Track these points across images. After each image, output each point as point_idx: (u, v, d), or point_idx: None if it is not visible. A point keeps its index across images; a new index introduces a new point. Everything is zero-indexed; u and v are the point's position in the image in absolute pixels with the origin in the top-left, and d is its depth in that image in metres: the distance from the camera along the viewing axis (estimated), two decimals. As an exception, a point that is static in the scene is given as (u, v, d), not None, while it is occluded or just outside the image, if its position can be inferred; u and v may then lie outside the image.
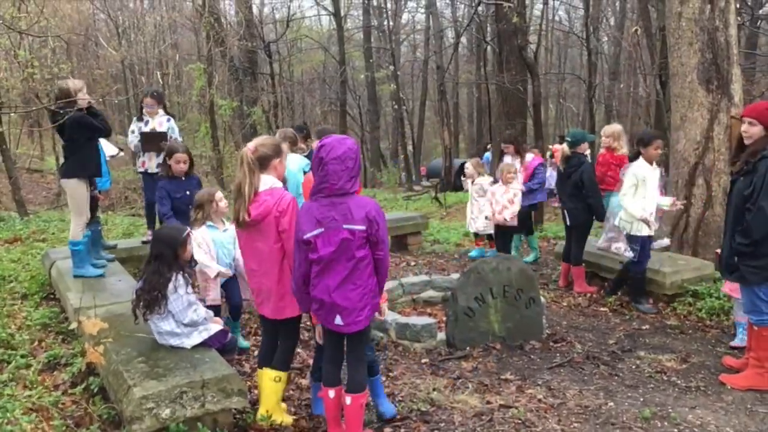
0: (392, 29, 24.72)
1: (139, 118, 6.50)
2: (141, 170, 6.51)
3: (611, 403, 3.99)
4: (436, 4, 25.57)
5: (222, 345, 3.83)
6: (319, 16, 30.48)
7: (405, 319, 5.05)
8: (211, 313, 3.95)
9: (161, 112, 6.50)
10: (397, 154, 27.34)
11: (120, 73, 20.43)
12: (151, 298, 3.62)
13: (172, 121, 6.59)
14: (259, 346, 4.05)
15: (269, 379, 3.56)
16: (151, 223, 6.71)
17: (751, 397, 4.10)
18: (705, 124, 6.52)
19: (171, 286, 3.65)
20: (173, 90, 17.55)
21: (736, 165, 4.22)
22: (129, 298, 3.93)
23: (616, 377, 4.46)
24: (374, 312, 3.26)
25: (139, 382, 3.25)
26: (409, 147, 26.48)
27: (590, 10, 17.63)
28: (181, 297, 3.68)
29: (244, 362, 4.54)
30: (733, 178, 4.30)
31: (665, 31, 8.05)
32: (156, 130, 6.38)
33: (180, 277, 3.71)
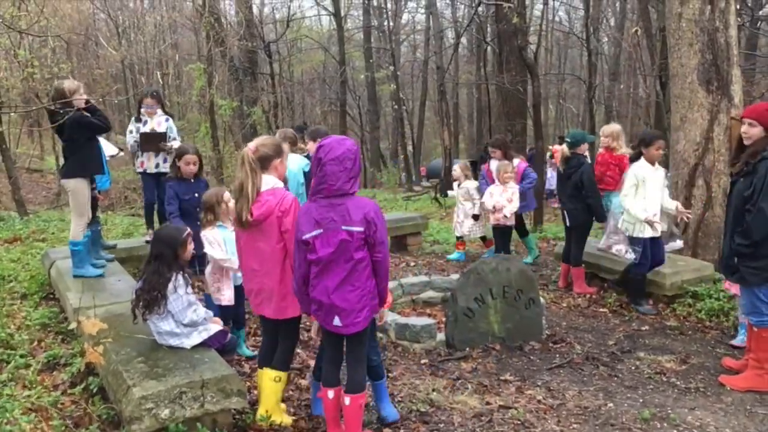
0: (392, 29, 24.72)
1: (137, 119, 6.50)
2: (140, 170, 6.50)
3: (610, 404, 4.00)
4: (436, 5, 25.54)
5: (222, 345, 3.83)
6: (319, 16, 30.52)
7: (404, 320, 5.05)
8: (210, 313, 3.94)
9: (160, 112, 6.50)
10: (397, 155, 27.35)
11: (120, 72, 20.45)
12: (151, 298, 3.62)
13: (170, 120, 6.59)
14: (258, 347, 4.05)
15: (269, 379, 3.56)
16: (150, 223, 6.71)
17: (750, 399, 4.10)
18: (705, 125, 6.52)
19: (171, 286, 3.65)
20: (173, 90, 17.55)
21: (736, 166, 4.22)
22: (128, 298, 3.93)
23: (616, 378, 4.46)
24: (373, 313, 3.26)
25: (139, 383, 3.25)
26: (409, 147, 26.48)
27: (590, 11, 17.63)
28: (181, 297, 3.68)
29: (243, 362, 4.53)
30: (733, 180, 4.31)
31: (665, 31, 8.05)
32: (155, 131, 6.38)
33: (180, 277, 3.70)
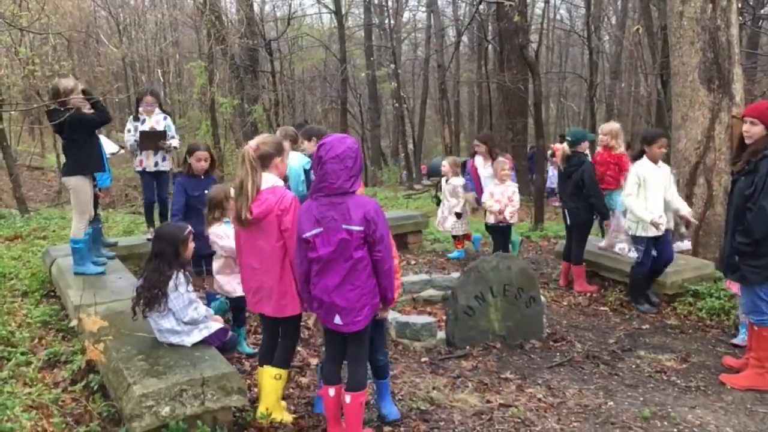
0: (393, 27, 24.70)
1: (136, 117, 6.48)
2: (139, 169, 6.49)
3: (611, 403, 4.00)
4: (437, 3, 25.55)
5: (222, 343, 3.83)
6: (320, 14, 30.50)
7: (405, 318, 5.06)
8: (211, 311, 3.95)
9: (158, 111, 6.50)
10: (398, 153, 27.35)
11: (121, 70, 20.42)
12: (152, 296, 3.62)
13: (168, 119, 6.59)
14: (259, 345, 4.05)
15: (269, 376, 3.56)
16: (150, 222, 6.71)
17: (750, 397, 4.10)
18: (706, 123, 6.52)
19: (171, 284, 3.65)
20: (174, 88, 17.55)
21: (737, 165, 4.22)
22: (129, 295, 3.93)
23: (616, 377, 4.46)
24: (374, 312, 3.25)
25: (139, 380, 3.25)
26: (410, 145, 26.43)
27: (591, 9, 17.59)
28: (182, 295, 3.68)
29: (244, 360, 4.54)
30: (734, 178, 4.30)
31: (666, 30, 8.05)
32: (155, 129, 6.38)
33: (181, 275, 3.71)
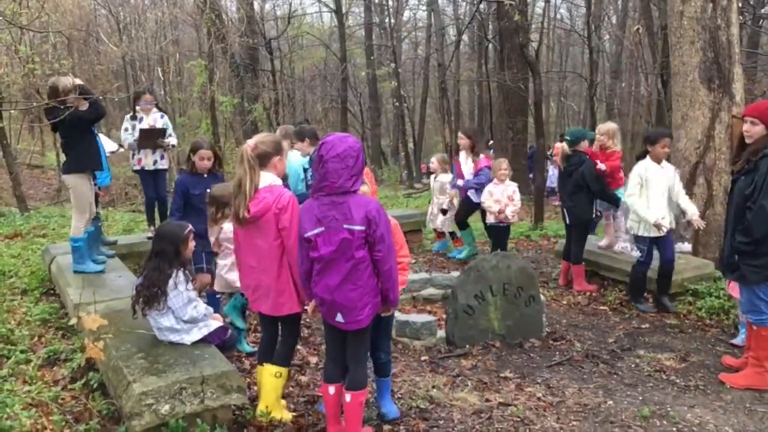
0: (393, 26, 24.70)
1: (133, 116, 6.48)
2: (137, 168, 6.49)
3: (610, 402, 4.00)
4: (437, 2, 25.50)
5: (222, 341, 3.83)
6: (321, 13, 30.54)
7: (405, 317, 5.06)
8: (211, 309, 3.95)
9: (155, 109, 6.52)
10: (398, 152, 27.35)
11: (121, 69, 20.40)
12: (151, 294, 3.62)
13: (165, 117, 6.61)
14: (258, 343, 4.05)
15: (270, 374, 3.56)
16: (151, 220, 6.71)
17: (749, 397, 4.11)
18: (706, 123, 6.52)
19: (171, 282, 3.65)
20: (174, 86, 17.52)
21: (737, 164, 4.21)
22: (129, 294, 3.93)
23: (616, 376, 4.46)
24: (376, 311, 3.24)
25: (139, 378, 3.26)
26: (410, 144, 26.44)
27: (592, 8, 17.57)
28: (181, 293, 3.68)
29: (243, 359, 4.54)
30: (734, 178, 4.30)
31: (667, 29, 8.04)
32: (155, 127, 6.39)
33: (180, 273, 3.71)
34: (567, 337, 5.19)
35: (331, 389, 3.34)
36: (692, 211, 5.68)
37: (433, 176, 7.83)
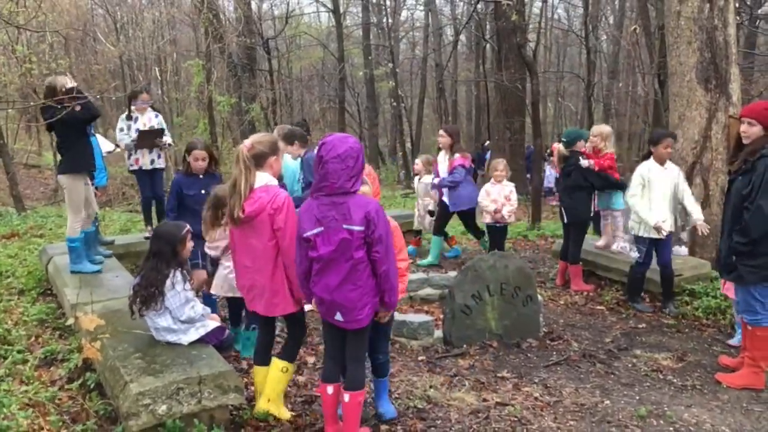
0: (391, 26, 24.66)
1: (128, 116, 6.46)
2: (134, 168, 6.48)
3: (607, 401, 4.00)
4: (435, 2, 25.49)
5: (219, 341, 3.83)
6: (318, 13, 30.45)
7: (402, 317, 5.06)
8: (208, 310, 3.95)
9: (150, 109, 6.52)
10: (396, 152, 27.30)
11: (118, 68, 20.36)
12: (148, 294, 3.62)
13: (160, 116, 6.62)
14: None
15: (277, 369, 3.58)
16: (148, 220, 6.71)
17: (746, 396, 4.12)
18: (703, 123, 6.53)
19: (169, 282, 3.65)
20: (171, 86, 17.50)
21: (735, 164, 4.22)
22: (126, 294, 3.93)
23: (613, 375, 4.47)
24: (375, 310, 3.24)
25: (136, 378, 3.25)
26: (408, 144, 26.42)
27: (589, 9, 17.59)
28: (179, 293, 3.68)
29: (241, 359, 4.54)
30: (731, 178, 4.30)
31: (664, 30, 8.06)
32: (155, 127, 6.40)
33: (178, 273, 3.71)
34: (564, 337, 5.20)
35: (330, 389, 3.34)
36: (697, 215, 5.62)
37: (417, 177, 7.80)
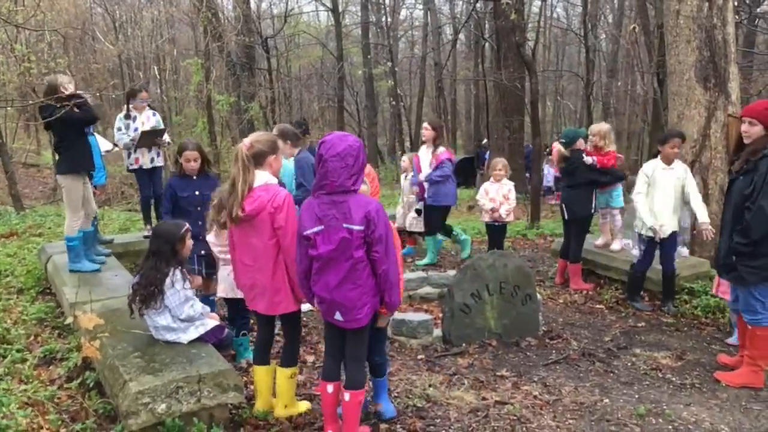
0: (390, 25, 24.66)
1: (127, 115, 6.45)
2: (134, 167, 6.47)
3: (606, 400, 4.01)
4: (434, 1, 25.50)
5: (218, 340, 3.83)
6: (317, 12, 30.42)
7: (401, 316, 5.06)
8: (207, 309, 3.95)
9: (147, 107, 6.53)
10: (395, 151, 27.29)
11: (117, 67, 20.35)
12: (148, 293, 3.62)
13: (157, 115, 6.62)
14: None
15: (285, 377, 3.61)
16: (147, 219, 6.71)
17: (745, 395, 4.12)
18: (702, 122, 6.53)
19: (168, 281, 3.65)
20: (170, 85, 17.50)
21: (736, 164, 4.20)
22: (125, 293, 3.93)
23: (612, 374, 4.47)
24: (375, 310, 3.24)
25: (135, 377, 3.25)
26: (407, 143, 26.42)
27: (588, 8, 17.59)
28: (178, 292, 3.68)
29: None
30: (732, 178, 4.29)
31: (663, 28, 8.05)
32: (155, 127, 6.41)
33: (177, 272, 3.71)
34: (563, 336, 5.20)
35: (329, 387, 3.34)
36: (702, 217, 5.43)
37: (404, 175, 7.81)
